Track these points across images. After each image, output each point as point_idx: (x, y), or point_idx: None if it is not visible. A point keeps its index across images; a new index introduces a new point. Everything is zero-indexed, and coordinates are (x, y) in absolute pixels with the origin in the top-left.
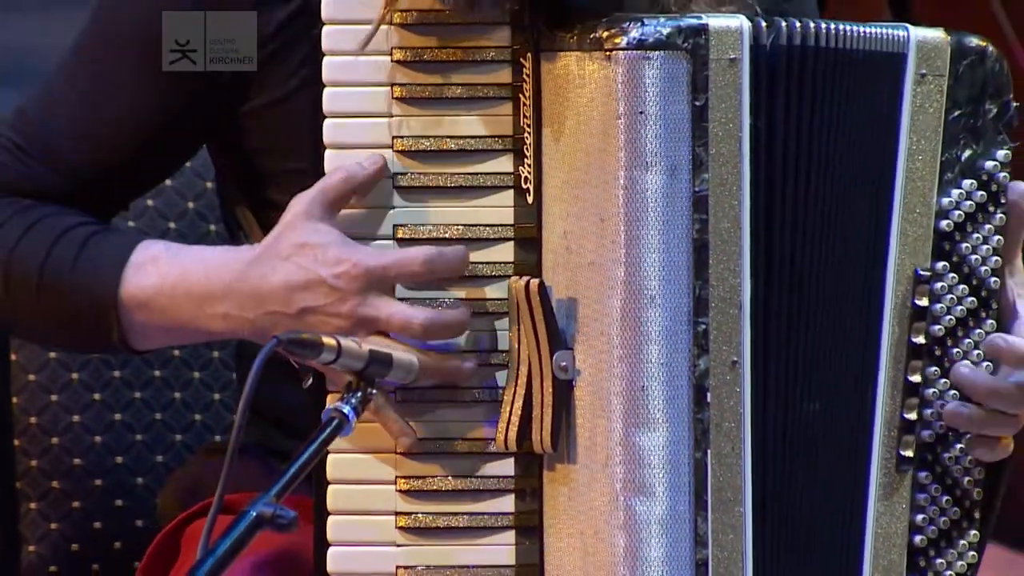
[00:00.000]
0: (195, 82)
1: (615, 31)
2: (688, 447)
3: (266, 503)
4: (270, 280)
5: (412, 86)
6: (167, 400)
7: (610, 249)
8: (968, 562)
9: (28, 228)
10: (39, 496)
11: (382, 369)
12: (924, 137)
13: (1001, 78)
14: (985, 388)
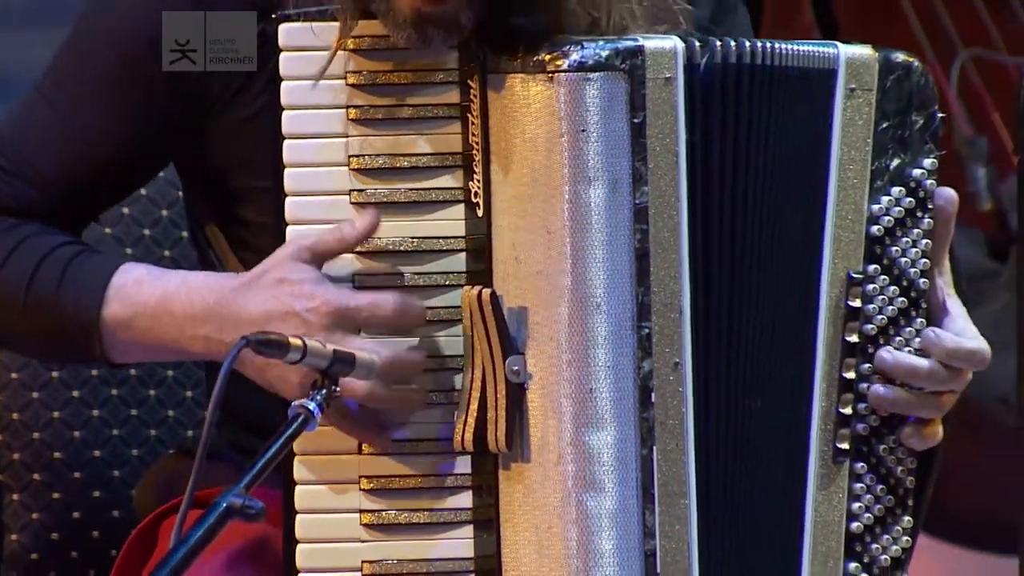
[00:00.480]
0: (165, 101)
1: (557, 54)
2: (635, 445)
3: (236, 494)
4: (248, 308)
5: (366, 108)
6: (142, 397)
7: (557, 259)
8: (902, 547)
9: (14, 248)
10: (21, 488)
11: (345, 368)
12: (855, 148)
13: (926, 91)
14: (904, 369)
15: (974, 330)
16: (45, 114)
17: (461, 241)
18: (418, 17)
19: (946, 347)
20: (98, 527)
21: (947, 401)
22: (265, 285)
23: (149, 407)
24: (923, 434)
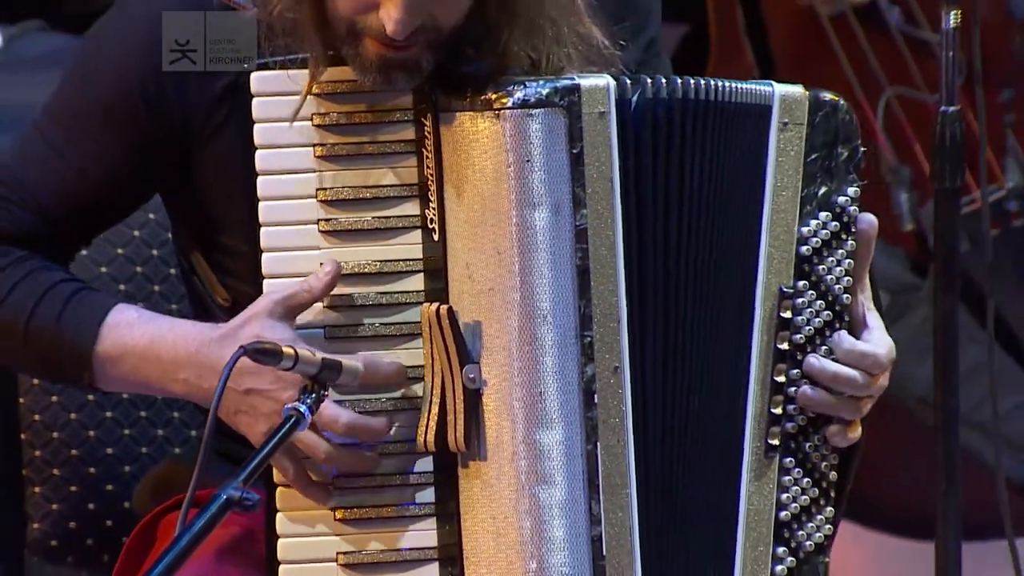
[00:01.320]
0: (151, 139)
1: (502, 93)
2: (581, 441)
3: (234, 487)
4: (225, 359)
5: (332, 146)
6: (150, 401)
7: (507, 277)
8: (825, 533)
9: (19, 281)
10: (42, 482)
11: (333, 374)
12: (787, 176)
13: (851, 127)
14: (829, 374)
15: (889, 341)
16: (43, 148)
17: (420, 263)
18: (383, 62)
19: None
20: (110, 517)
21: (865, 404)
22: (243, 339)
23: (156, 410)
24: (845, 434)
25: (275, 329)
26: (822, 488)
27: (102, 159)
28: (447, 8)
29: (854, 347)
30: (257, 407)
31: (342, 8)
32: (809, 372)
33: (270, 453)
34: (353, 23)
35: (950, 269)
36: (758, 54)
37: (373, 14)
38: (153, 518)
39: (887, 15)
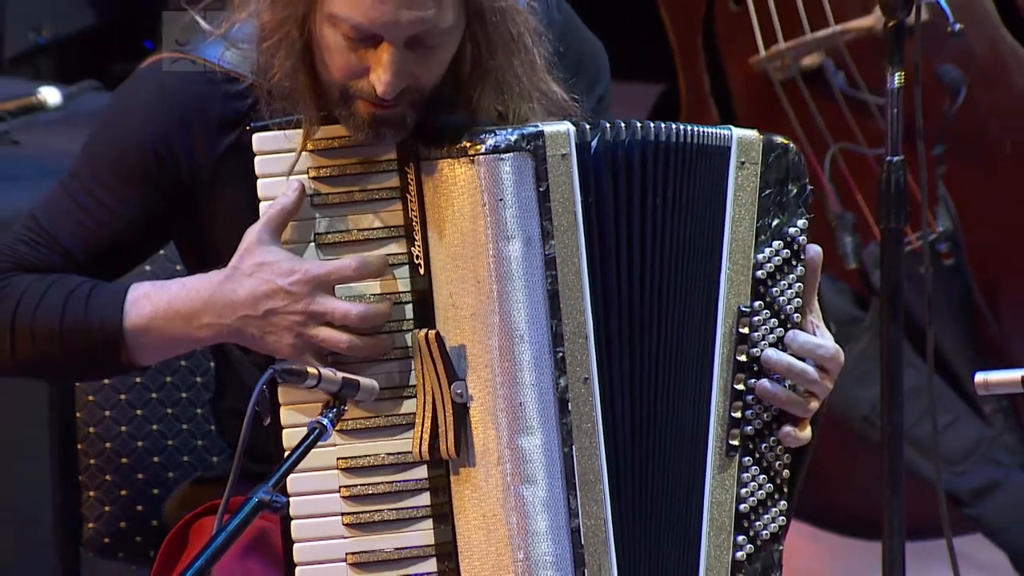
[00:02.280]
0: (162, 194)
1: (475, 141)
2: (558, 445)
3: (264, 492)
4: (239, 292)
5: (326, 195)
6: (191, 414)
7: (486, 303)
8: (779, 524)
9: (45, 292)
10: (96, 487)
11: (352, 391)
12: (744, 209)
13: (799, 167)
14: (783, 366)
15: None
16: (69, 201)
17: (408, 295)
18: (374, 120)
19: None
20: (156, 517)
21: (814, 404)
22: (247, 271)
23: (197, 422)
24: (797, 435)
25: (270, 252)
26: (776, 484)
27: (120, 212)
28: (428, 70)
29: (808, 340)
30: (279, 323)
31: (336, 75)
32: (767, 363)
33: (295, 463)
34: (346, 88)
35: (895, 301)
36: (722, 112)
37: (364, 79)
38: (184, 524)
39: (832, 79)
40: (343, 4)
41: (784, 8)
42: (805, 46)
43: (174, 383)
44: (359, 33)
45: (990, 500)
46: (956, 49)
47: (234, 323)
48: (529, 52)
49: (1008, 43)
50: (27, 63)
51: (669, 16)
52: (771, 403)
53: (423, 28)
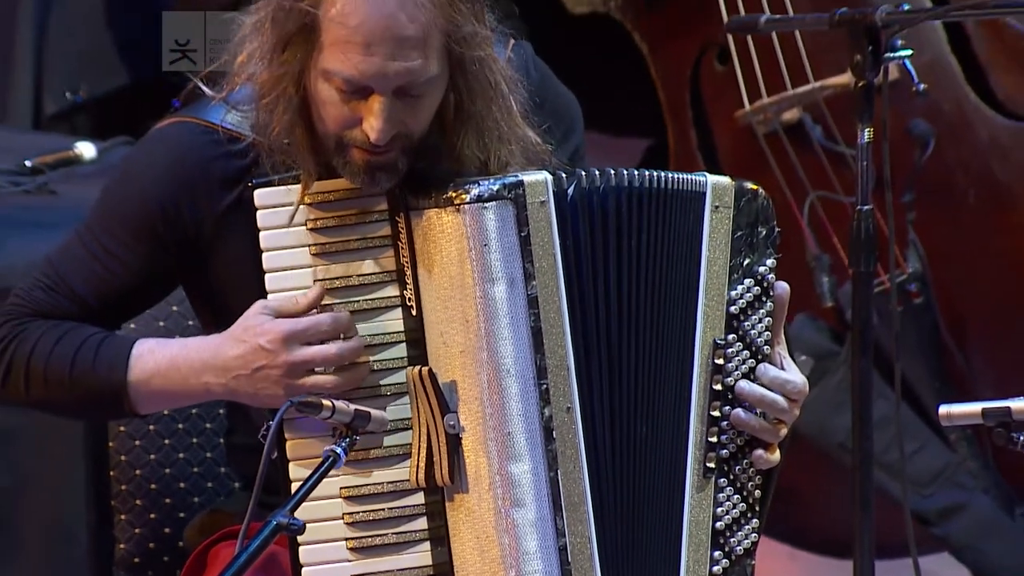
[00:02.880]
0: (169, 247)
1: (461, 191)
2: (544, 470)
3: (283, 515)
4: (230, 355)
5: (323, 244)
6: (214, 443)
7: (475, 340)
8: (752, 540)
9: (58, 340)
10: (127, 510)
11: (363, 422)
12: (718, 249)
13: (768, 210)
14: (756, 397)
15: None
16: (83, 252)
17: (402, 335)
18: (368, 166)
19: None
20: (182, 539)
21: (783, 431)
22: (237, 336)
23: (219, 451)
24: (768, 458)
25: (256, 318)
26: (749, 503)
27: (128, 263)
28: (416, 118)
29: (778, 375)
30: (267, 377)
31: (331, 126)
32: (740, 394)
33: (311, 489)
34: (341, 138)
35: (865, 338)
36: (708, 164)
37: (357, 128)
38: (203, 549)
39: (811, 132)
40: (335, 60)
41: (767, 66)
42: (786, 101)
43: (199, 414)
44: (351, 86)
45: (955, 521)
46: (924, 106)
47: (229, 383)
48: (507, 99)
49: (972, 101)
50: (65, 120)
51: (658, 75)
52: (745, 430)
53: (409, 79)
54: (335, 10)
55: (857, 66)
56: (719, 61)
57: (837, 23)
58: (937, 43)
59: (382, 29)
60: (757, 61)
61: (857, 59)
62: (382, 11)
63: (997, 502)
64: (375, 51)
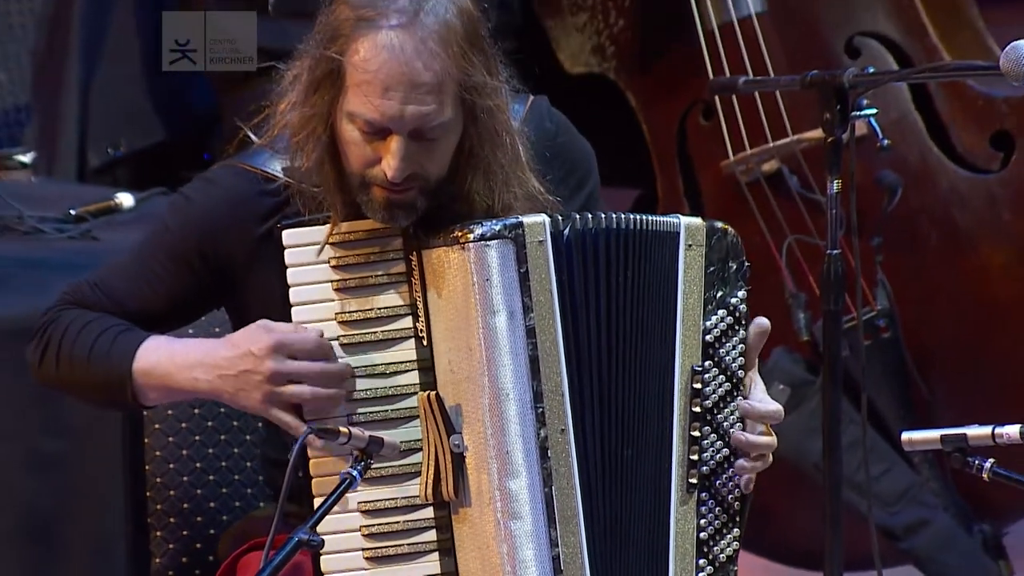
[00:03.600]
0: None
1: (466, 231)
2: (540, 486)
3: (304, 532)
4: (221, 355)
5: (343, 280)
6: (242, 467)
7: (477, 367)
8: (734, 548)
9: (85, 326)
10: (162, 527)
11: (377, 447)
12: (693, 283)
13: (738, 247)
14: (746, 444)
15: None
16: (130, 271)
17: (414, 363)
18: (388, 203)
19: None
20: (212, 553)
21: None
22: (233, 341)
23: (246, 473)
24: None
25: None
26: (729, 514)
27: (170, 287)
28: (433, 160)
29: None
30: (249, 381)
31: (354, 165)
32: (738, 444)
33: (328, 508)
34: (363, 176)
35: (835, 369)
36: (694, 211)
37: (377, 167)
38: (233, 559)
39: (789, 182)
40: (358, 103)
41: (749, 121)
42: (766, 153)
43: (227, 440)
44: (371, 127)
45: (920, 535)
46: (892, 158)
47: (214, 380)
48: (513, 146)
49: (934, 154)
50: (106, 173)
51: (649, 129)
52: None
53: (424, 121)
54: (358, 57)
55: (827, 123)
56: (704, 117)
57: (808, 84)
58: (904, 102)
59: (399, 74)
60: (740, 116)
61: (827, 117)
62: (400, 58)
63: (956, 519)
64: (393, 95)
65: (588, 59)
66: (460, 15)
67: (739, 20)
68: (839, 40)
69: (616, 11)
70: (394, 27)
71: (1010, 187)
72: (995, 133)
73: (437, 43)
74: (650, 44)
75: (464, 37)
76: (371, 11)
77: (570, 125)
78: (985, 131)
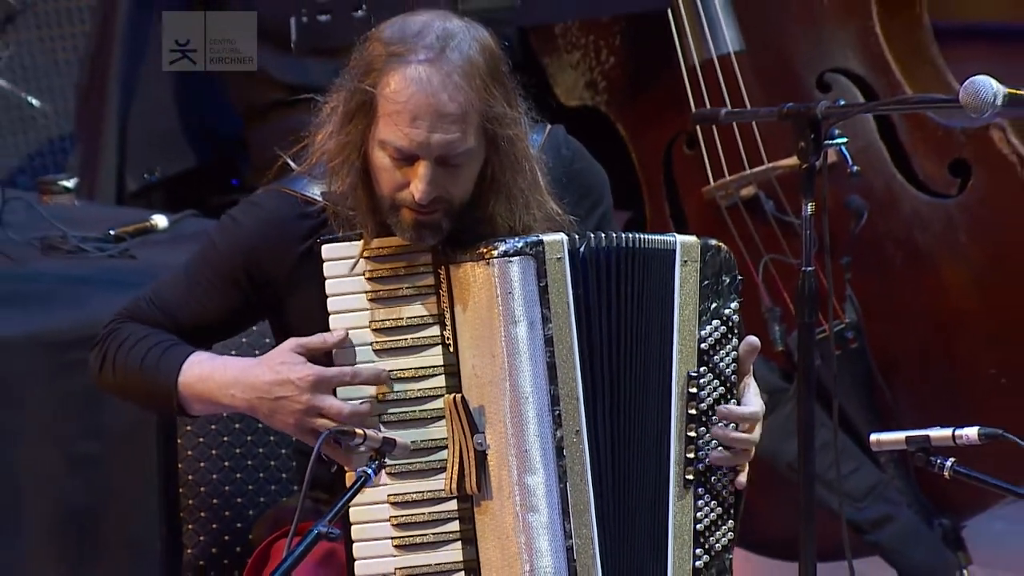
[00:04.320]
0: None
1: (491, 247)
2: (555, 482)
3: (323, 525)
4: (261, 378)
5: (377, 292)
6: (267, 465)
7: (500, 372)
8: (728, 539)
9: (139, 340)
10: (193, 521)
11: (390, 447)
12: (688, 296)
13: (730, 262)
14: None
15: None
16: (183, 280)
17: (440, 368)
18: (416, 224)
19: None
20: (239, 545)
21: (751, 453)
22: (272, 364)
23: (271, 471)
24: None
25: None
26: (724, 507)
27: (218, 302)
28: (457, 185)
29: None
30: (285, 407)
31: (385, 189)
32: (716, 437)
33: (345, 504)
34: (393, 199)
35: (808, 377)
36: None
37: (406, 190)
38: (267, 544)
39: (765, 206)
40: (388, 131)
41: (728, 150)
42: (744, 179)
43: (253, 441)
44: (400, 153)
45: (885, 529)
46: (859, 184)
47: (251, 400)
48: (532, 172)
49: (898, 180)
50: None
51: (637, 157)
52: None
53: (449, 149)
54: (389, 89)
55: (801, 151)
56: (687, 146)
57: (785, 115)
58: (870, 132)
59: (426, 105)
60: (720, 146)
61: (801, 145)
62: (427, 90)
63: (918, 514)
64: (420, 124)
65: (582, 93)
66: (483, 52)
67: (719, 57)
68: (811, 76)
69: (607, 50)
70: (422, 62)
71: (967, 211)
72: (953, 161)
73: (462, 77)
74: (638, 80)
75: (486, 72)
76: (401, 47)
77: (585, 152)
78: (944, 159)
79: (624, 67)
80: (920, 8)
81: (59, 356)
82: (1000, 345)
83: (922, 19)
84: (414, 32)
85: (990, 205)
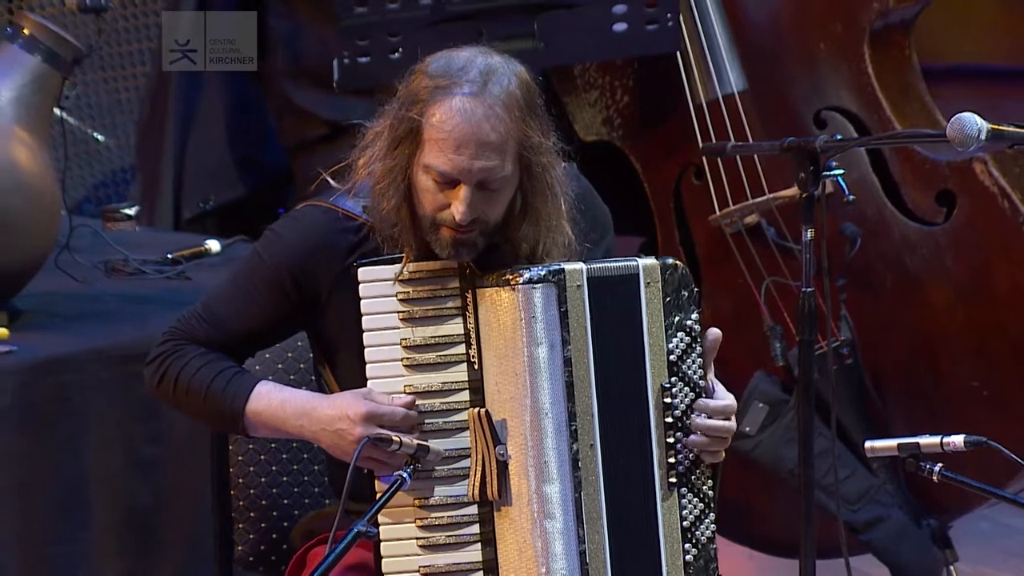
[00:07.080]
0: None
1: (516, 275)
2: (571, 491)
3: (362, 524)
4: (323, 413)
5: (408, 312)
6: (311, 469)
7: (521, 389)
8: (712, 530)
9: (203, 365)
10: (244, 520)
11: (424, 453)
12: (654, 313)
13: (687, 277)
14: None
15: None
16: (231, 290)
17: (465, 384)
18: (454, 242)
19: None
20: (285, 543)
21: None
22: (335, 403)
23: (313, 476)
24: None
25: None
26: (705, 503)
27: (265, 310)
28: (492, 208)
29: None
30: (344, 437)
31: (427, 209)
32: (696, 427)
33: (383, 505)
34: (434, 218)
35: (808, 390)
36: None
37: (447, 211)
38: (304, 551)
39: (766, 232)
40: (433, 157)
41: (732, 181)
42: (747, 208)
43: (298, 448)
44: (443, 178)
45: (877, 529)
46: (853, 212)
47: (317, 432)
48: (558, 199)
49: (889, 209)
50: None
51: (649, 187)
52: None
53: (488, 175)
54: (435, 119)
55: (801, 181)
56: (695, 178)
57: (786, 149)
58: (863, 165)
59: (469, 135)
60: (725, 177)
61: (801, 176)
62: (470, 121)
63: (908, 515)
64: (463, 151)
65: (599, 129)
66: (521, 86)
67: (723, 97)
68: (808, 113)
69: (622, 89)
70: (466, 95)
71: (951, 237)
72: (939, 192)
73: (502, 109)
74: (650, 116)
75: (524, 104)
76: (446, 80)
77: (592, 189)
78: (931, 190)
79: (637, 105)
80: (909, 50)
81: (122, 369)
82: (982, 359)
83: (911, 60)
84: (459, 67)
85: (973, 232)
